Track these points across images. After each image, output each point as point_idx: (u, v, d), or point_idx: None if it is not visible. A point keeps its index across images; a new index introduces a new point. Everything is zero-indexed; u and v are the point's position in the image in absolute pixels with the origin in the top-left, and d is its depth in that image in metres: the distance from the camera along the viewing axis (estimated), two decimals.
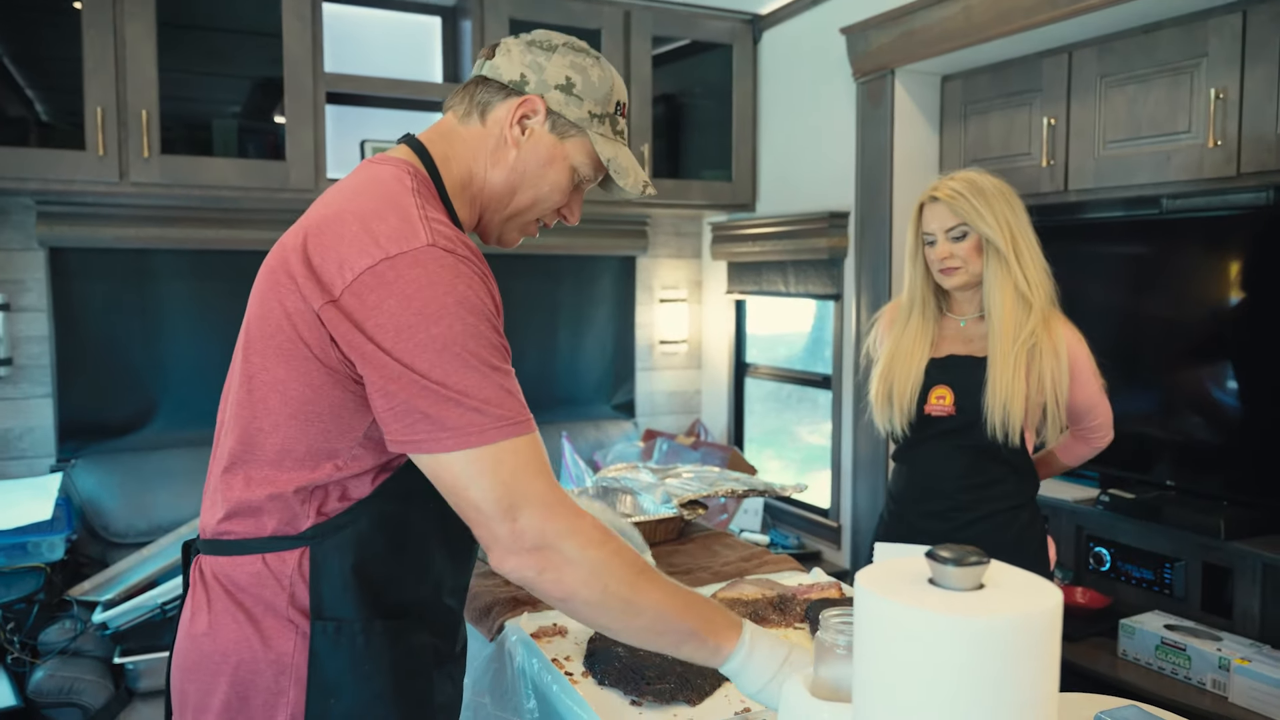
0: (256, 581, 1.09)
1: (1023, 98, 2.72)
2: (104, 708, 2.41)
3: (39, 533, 2.66)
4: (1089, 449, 2.12)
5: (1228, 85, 2.20)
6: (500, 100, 1.21)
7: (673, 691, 1.29)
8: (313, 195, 3.03)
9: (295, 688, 1.08)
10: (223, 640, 1.09)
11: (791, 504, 3.68)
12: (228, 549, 1.12)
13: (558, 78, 1.20)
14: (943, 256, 1.96)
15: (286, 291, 1.08)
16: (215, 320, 3.30)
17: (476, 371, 1.02)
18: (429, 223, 1.06)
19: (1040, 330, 1.93)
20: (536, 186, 1.23)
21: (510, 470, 1.03)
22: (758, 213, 3.77)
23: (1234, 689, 2.17)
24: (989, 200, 1.92)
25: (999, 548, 1.94)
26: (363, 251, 1.04)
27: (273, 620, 1.09)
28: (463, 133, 1.22)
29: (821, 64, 3.33)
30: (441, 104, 3.56)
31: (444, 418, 1.01)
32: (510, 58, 1.21)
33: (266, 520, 1.10)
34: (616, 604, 1.07)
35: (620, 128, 1.28)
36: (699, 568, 1.91)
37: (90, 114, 2.71)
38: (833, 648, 1.00)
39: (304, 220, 1.14)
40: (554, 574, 1.05)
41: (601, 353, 4.04)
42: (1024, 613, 0.76)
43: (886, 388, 2.06)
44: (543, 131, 1.21)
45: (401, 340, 1.01)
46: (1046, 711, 0.78)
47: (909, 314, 2.08)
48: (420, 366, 1.01)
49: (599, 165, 1.26)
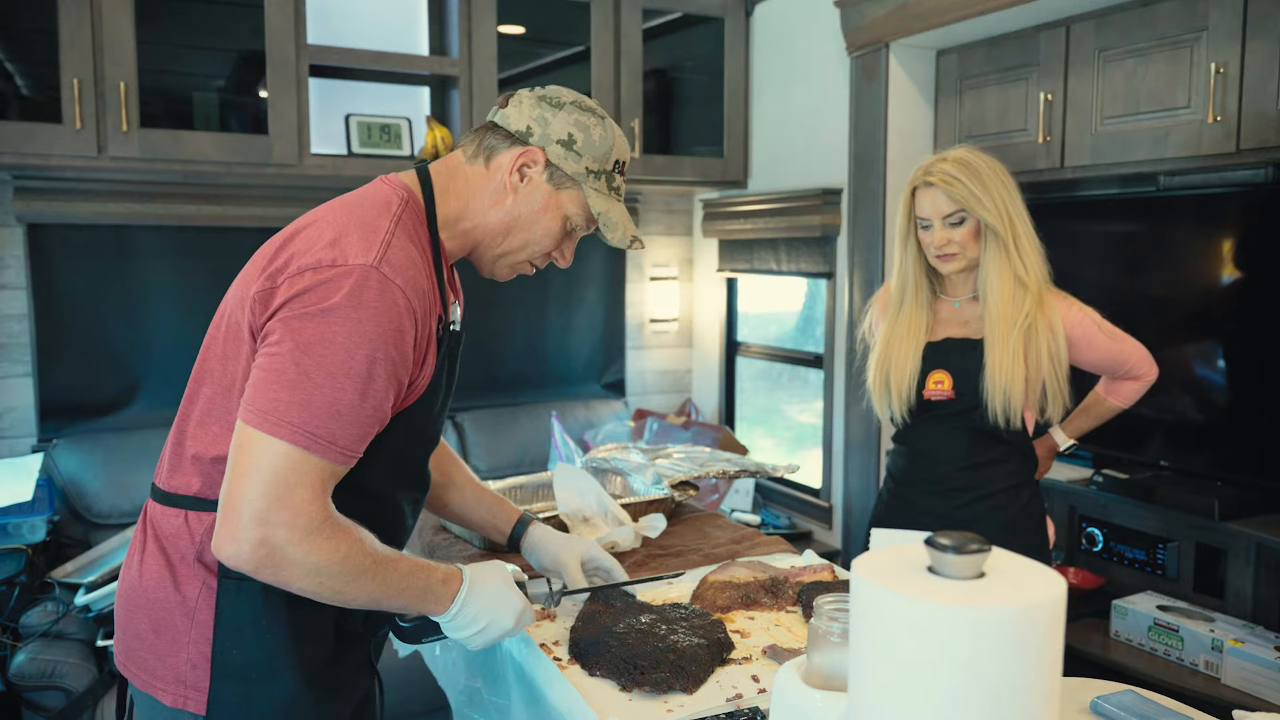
0: (177, 533, 1.23)
1: (1019, 72, 2.68)
2: (87, 691, 2.38)
3: (20, 514, 2.62)
4: (1139, 384, 2.04)
5: (1228, 60, 2.16)
6: (505, 148, 1.32)
7: (669, 680, 1.26)
8: (296, 170, 2.97)
9: (196, 630, 1.21)
10: (147, 579, 1.24)
11: (783, 484, 3.66)
12: (163, 499, 1.26)
13: (560, 133, 1.31)
14: (940, 243, 1.93)
15: (256, 273, 1.20)
16: (198, 298, 3.24)
17: (332, 380, 1.10)
18: (387, 246, 1.17)
19: (1035, 311, 1.90)
20: (529, 230, 1.33)
21: (285, 475, 1.09)
22: (749, 189, 3.73)
23: (1227, 670, 2.16)
24: (986, 184, 1.88)
25: (999, 527, 1.97)
26: (318, 253, 1.15)
27: (185, 569, 1.22)
28: (467, 171, 1.33)
29: (815, 38, 3.28)
30: (427, 77, 3.51)
31: (274, 394, 1.10)
32: (520, 109, 1.32)
33: (192, 480, 1.23)
34: (329, 595, 1.15)
35: (616, 184, 1.37)
36: (690, 549, 1.88)
37: (66, 86, 2.65)
38: (827, 635, 0.97)
39: (305, 215, 1.27)
40: (272, 570, 1.11)
41: (591, 331, 4.00)
42: (1027, 602, 0.73)
43: (884, 375, 2.04)
44: (540, 181, 1.31)
45: (295, 324, 1.11)
46: (1049, 703, 0.76)
47: (901, 298, 2.04)
48: (291, 348, 1.11)
49: (591, 218, 1.35)
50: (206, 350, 1.27)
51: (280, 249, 1.20)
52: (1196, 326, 2.43)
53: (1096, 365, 2.01)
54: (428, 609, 1.26)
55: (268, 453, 1.09)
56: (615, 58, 3.43)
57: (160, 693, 1.22)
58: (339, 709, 1.32)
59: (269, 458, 1.08)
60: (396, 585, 1.20)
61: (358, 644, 1.33)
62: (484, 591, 1.30)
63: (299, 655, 1.23)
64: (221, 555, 1.10)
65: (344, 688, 1.32)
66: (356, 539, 1.15)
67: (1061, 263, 2.02)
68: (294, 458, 1.09)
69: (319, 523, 1.11)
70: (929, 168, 1.93)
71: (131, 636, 1.26)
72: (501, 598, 1.31)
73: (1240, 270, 2.32)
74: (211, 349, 1.25)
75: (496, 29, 3.23)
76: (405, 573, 1.21)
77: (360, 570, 1.15)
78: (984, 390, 1.91)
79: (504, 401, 3.78)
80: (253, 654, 1.20)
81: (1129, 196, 2.60)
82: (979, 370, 1.92)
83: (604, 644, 1.34)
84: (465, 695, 1.65)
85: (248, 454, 1.09)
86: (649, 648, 1.31)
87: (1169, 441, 2.50)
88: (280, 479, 1.08)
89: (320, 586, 1.13)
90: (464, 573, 1.31)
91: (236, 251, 3.28)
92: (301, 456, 1.09)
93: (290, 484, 1.09)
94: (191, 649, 1.21)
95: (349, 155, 3.11)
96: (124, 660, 1.28)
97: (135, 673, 1.26)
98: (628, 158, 1.39)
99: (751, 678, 1.33)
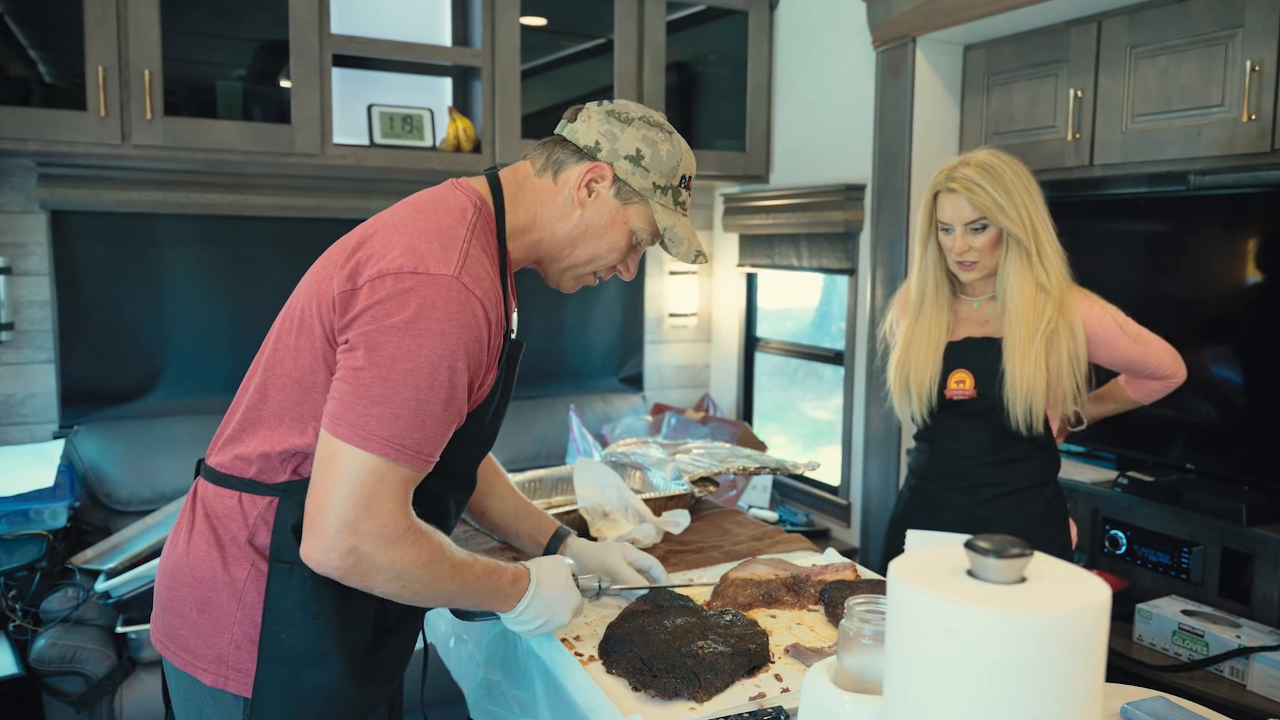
0: (229, 514, 1.24)
1: (1048, 68, 2.64)
2: (106, 677, 2.39)
3: (41, 500, 2.63)
4: (1162, 385, 2.02)
5: (1264, 57, 2.12)
6: (574, 162, 1.33)
7: (677, 687, 1.23)
8: (318, 160, 2.97)
9: (242, 612, 1.22)
10: (195, 558, 1.25)
11: (801, 481, 3.64)
12: (216, 479, 1.27)
13: (629, 149, 1.31)
14: (961, 250, 1.91)
15: (332, 270, 1.21)
16: (220, 286, 3.25)
17: (418, 393, 1.13)
18: (466, 256, 1.18)
19: (1057, 316, 1.89)
20: (596, 244, 1.35)
21: (373, 486, 1.12)
22: (771, 184, 3.70)
23: (1253, 677, 2.13)
24: (1009, 190, 1.86)
25: (1021, 524, 1.96)
26: (397, 259, 1.16)
27: (235, 550, 1.23)
28: (535, 184, 1.34)
29: (840, 32, 3.25)
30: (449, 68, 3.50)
31: (363, 410, 1.12)
32: (589, 124, 1.33)
33: (250, 465, 1.24)
34: (409, 596, 1.20)
35: (683, 199, 1.38)
36: (710, 546, 1.87)
37: (91, 74, 2.65)
38: (858, 637, 0.96)
39: (379, 216, 1.28)
40: (360, 576, 1.15)
41: (610, 325, 3.99)
42: (1071, 608, 0.71)
43: (904, 375, 2.03)
44: (608, 196, 1.33)
45: (379, 337, 1.13)
46: (1090, 711, 0.74)
47: (921, 299, 2.03)
48: (378, 361, 1.12)
49: (657, 232, 1.36)
50: (278, 341, 1.27)
51: (357, 248, 1.21)
52: (1225, 328, 2.40)
53: (1116, 364, 1.98)
54: (497, 607, 1.32)
55: (356, 465, 1.12)
56: (638, 50, 3.41)
57: (200, 672, 1.24)
58: (377, 699, 1.34)
59: (357, 470, 1.12)
60: (471, 587, 1.25)
61: (393, 637, 1.35)
62: (549, 591, 1.35)
63: (344, 642, 1.25)
64: (311, 562, 1.14)
65: (381, 676, 1.33)
66: (437, 544, 1.20)
67: (1089, 262, 2.00)
68: (381, 469, 1.12)
69: (403, 531, 1.15)
70: (952, 172, 1.91)
71: (173, 614, 1.27)
72: (563, 596, 1.36)
73: (1272, 272, 2.28)
74: (283, 340, 1.26)
75: (519, 20, 3.22)
76: (479, 574, 1.27)
77: (440, 575, 1.20)
78: (1005, 397, 1.90)
79: (522, 394, 3.77)
80: (301, 639, 1.22)
81: (1158, 195, 2.56)
82: (1000, 369, 1.91)
83: (629, 642, 1.32)
84: (484, 688, 1.64)
85: (336, 466, 1.12)
86: (670, 651, 1.29)
87: (1194, 444, 2.47)
88: (368, 490, 1.12)
89: (402, 589, 1.18)
90: (531, 572, 1.35)
91: (257, 240, 3.35)
92: (389, 468, 1.13)
93: (377, 495, 1.12)
94: (236, 630, 1.22)
95: (371, 145, 3.10)
96: (162, 638, 1.29)
97: (175, 651, 1.27)
98: (694, 172, 1.40)
99: (775, 677, 1.32)
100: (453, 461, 1.29)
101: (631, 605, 1.47)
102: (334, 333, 1.19)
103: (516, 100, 3.23)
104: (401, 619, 1.35)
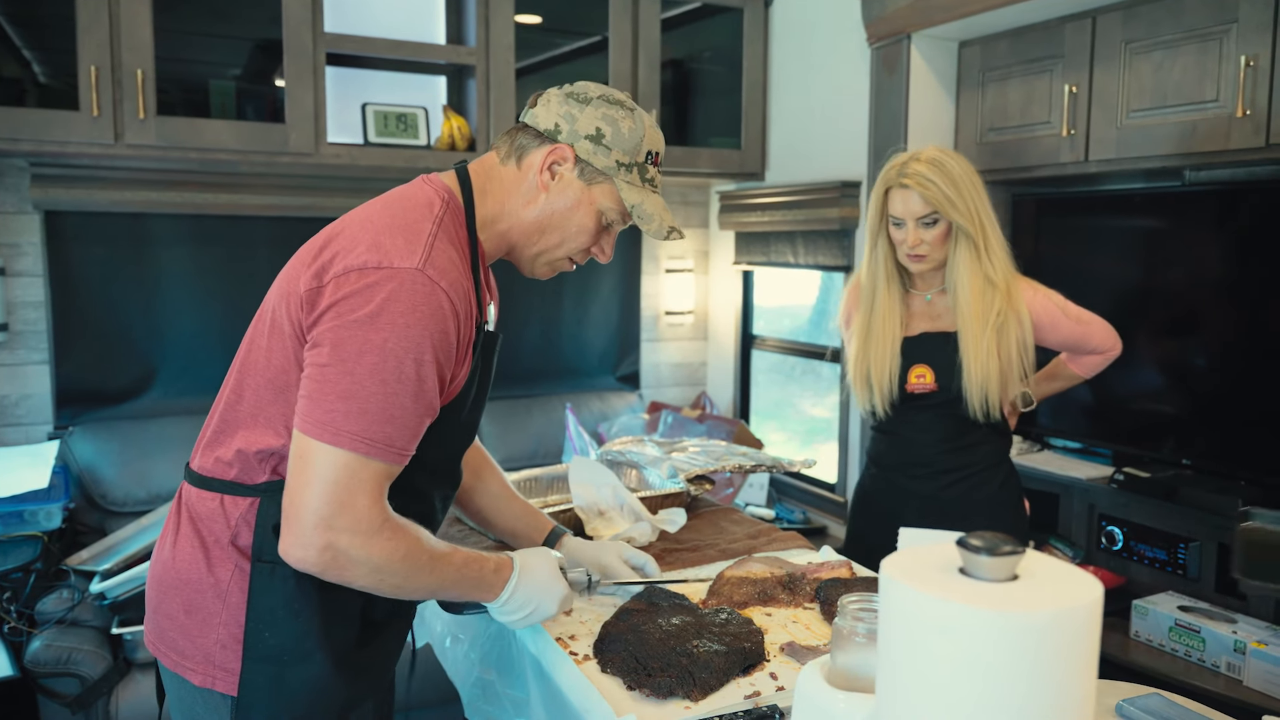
0: (211, 516, 1.25)
1: (1043, 64, 2.64)
2: (102, 678, 2.39)
3: (36, 501, 2.62)
4: (1101, 359, 2.11)
5: (1258, 52, 2.12)
6: (535, 147, 1.33)
7: (672, 686, 1.23)
8: (312, 159, 2.96)
9: (227, 612, 1.23)
10: (180, 561, 1.26)
11: (798, 478, 3.64)
12: (199, 482, 1.29)
13: (588, 128, 1.31)
14: (913, 244, 1.97)
15: (300, 269, 1.22)
16: (214, 286, 3.24)
17: (384, 387, 1.13)
18: (431, 249, 1.18)
19: (1005, 307, 1.96)
20: (564, 228, 1.34)
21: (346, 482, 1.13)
22: (767, 182, 3.70)
23: (1249, 672, 2.13)
24: (959, 186, 1.92)
25: (981, 503, 2.03)
26: (362, 254, 1.17)
27: (219, 552, 1.24)
28: (501, 173, 1.34)
29: (835, 28, 3.25)
30: (443, 66, 3.49)
31: (331, 405, 1.12)
32: (549, 108, 1.33)
33: (230, 466, 1.25)
34: (389, 590, 1.21)
35: (650, 176, 1.37)
36: (706, 544, 1.87)
37: (84, 73, 2.64)
38: (851, 635, 0.96)
39: (349, 214, 1.28)
40: (338, 571, 1.16)
41: (606, 323, 3.98)
42: (1063, 606, 0.71)
43: (864, 371, 2.09)
44: (571, 178, 1.32)
45: (344, 332, 1.13)
46: (1083, 708, 0.74)
47: (873, 293, 2.09)
48: (343, 357, 1.13)
49: (626, 211, 1.35)
50: (251, 343, 1.29)
51: (324, 247, 1.22)
52: (1220, 323, 2.40)
53: (1060, 345, 2.09)
54: (480, 597, 1.33)
55: (328, 461, 1.12)
56: (633, 48, 3.41)
57: (189, 672, 1.25)
58: (364, 694, 1.34)
59: (329, 466, 1.12)
60: (451, 578, 1.26)
61: (381, 632, 1.35)
62: (533, 580, 1.35)
63: (329, 639, 1.26)
64: (289, 559, 1.15)
65: (369, 672, 1.34)
66: (415, 537, 1.20)
67: (1084, 257, 2.00)
68: (353, 464, 1.13)
69: (379, 525, 1.15)
70: (903, 168, 1.96)
71: (163, 617, 1.28)
72: (549, 585, 1.36)
73: (1266, 266, 2.28)
74: (256, 342, 1.27)
75: (514, 18, 3.21)
76: (459, 565, 1.27)
77: (419, 566, 1.20)
78: (964, 388, 1.98)
79: (518, 393, 3.77)
80: (285, 637, 1.23)
81: (1154, 191, 2.56)
82: (957, 362, 1.98)
83: (624, 641, 1.32)
84: (479, 688, 1.64)
85: (308, 464, 1.13)
86: (665, 650, 1.29)
87: (1190, 440, 2.47)
88: (341, 486, 1.12)
89: (381, 583, 1.19)
90: (514, 561, 1.35)
91: (252, 240, 3.33)
92: (361, 463, 1.13)
93: (351, 490, 1.13)
94: (222, 630, 1.23)
95: (365, 144, 3.09)
96: (154, 640, 1.31)
97: (165, 652, 1.28)
98: (661, 148, 1.38)
99: (770, 675, 1.31)
100: (434, 456, 1.29)
101: (626, 604, 1.47)
102: (303, 331, 1.19)
103: (511, 99, 3.22)
104: (390, 613, 1.35)
